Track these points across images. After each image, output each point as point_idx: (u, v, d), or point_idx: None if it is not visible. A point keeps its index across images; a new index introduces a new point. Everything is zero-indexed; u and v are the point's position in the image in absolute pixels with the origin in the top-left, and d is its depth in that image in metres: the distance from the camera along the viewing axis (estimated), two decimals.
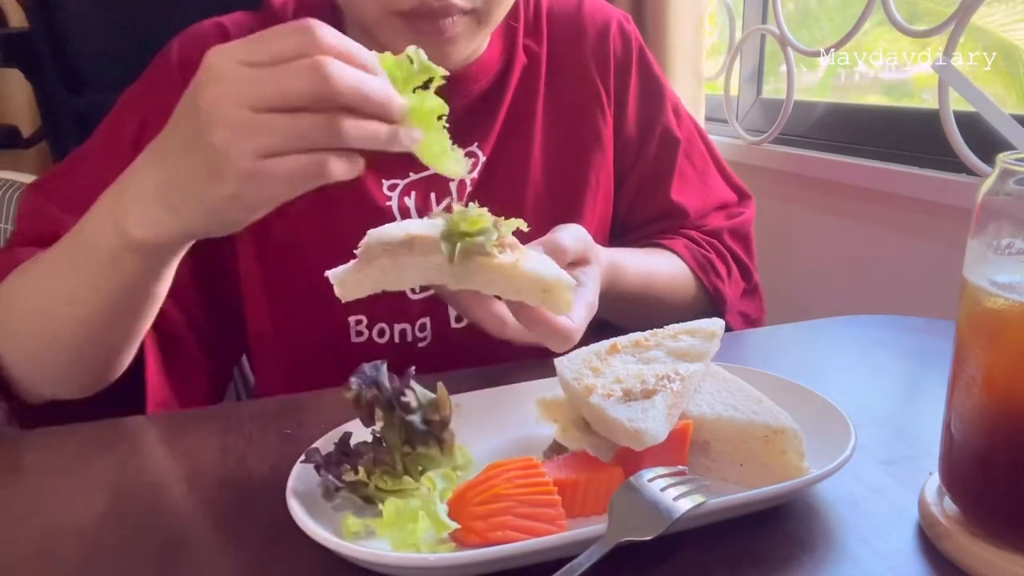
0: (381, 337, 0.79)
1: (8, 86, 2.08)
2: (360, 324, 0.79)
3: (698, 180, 0.93)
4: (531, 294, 0.54)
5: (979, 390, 0.43)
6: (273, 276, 0.79)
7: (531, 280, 0.54)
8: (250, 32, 0.75)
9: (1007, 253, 0.41)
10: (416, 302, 0.80)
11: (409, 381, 0.51)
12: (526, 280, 0.54)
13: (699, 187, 0.93)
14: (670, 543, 0.44)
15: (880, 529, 0.47)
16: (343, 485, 0.48)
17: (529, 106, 0.83)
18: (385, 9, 0.69)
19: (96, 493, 0.54)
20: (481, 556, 0.41)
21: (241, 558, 0.46)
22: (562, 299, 0.54)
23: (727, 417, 0.51)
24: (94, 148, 0.78)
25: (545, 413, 0.57)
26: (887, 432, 0.59)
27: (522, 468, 0.47)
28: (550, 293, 0.54)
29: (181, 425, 0.64)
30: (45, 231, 0.70)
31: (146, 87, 0.78)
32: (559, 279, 0.54)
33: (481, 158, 0.82)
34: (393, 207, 0.79)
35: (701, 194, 0.93)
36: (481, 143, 0.82)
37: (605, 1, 0.93)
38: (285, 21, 0.75)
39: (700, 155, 0.94)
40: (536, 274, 0.54)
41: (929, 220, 1.27)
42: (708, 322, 0.59)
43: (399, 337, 0.79)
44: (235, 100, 0.48)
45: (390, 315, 0.79)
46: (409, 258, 0.55)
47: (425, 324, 0.80)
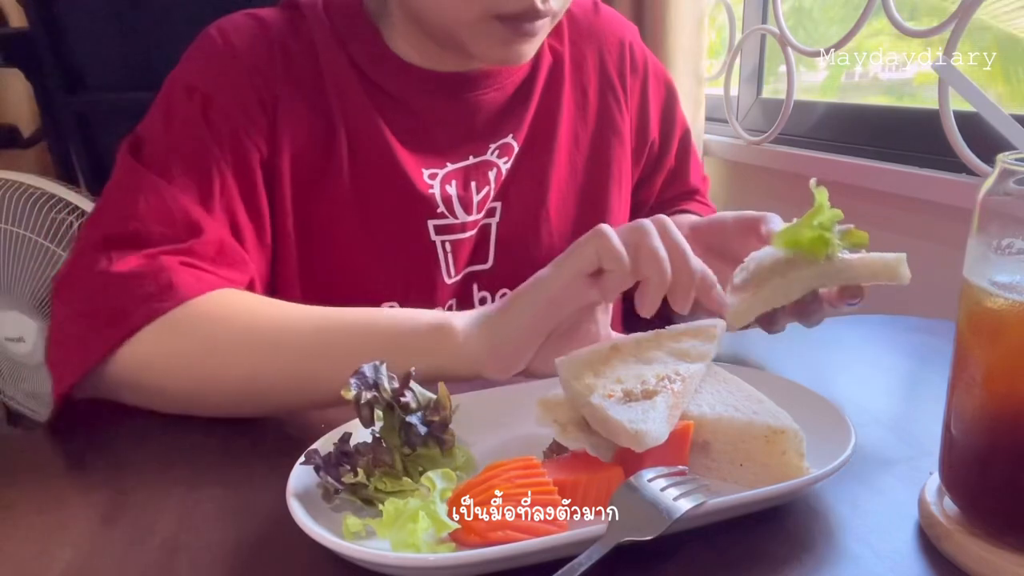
0: None
1: (8, 86, 2.08)
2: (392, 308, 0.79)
3: (695, 165, 1.02)
4: (883, 274, 0.61)
5: (979, 390, 0.43)
6: (307, 260, 0.79)
7: (882, 263, 0.61)
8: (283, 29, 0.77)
9: (1007, 253, 0.41)
10: (449, 286, 0.82)
11: (408, 382, 0.51)
12: (877, 265, 0.61)
13: (697, 169, 1.02)
14: (670, 543, 0.44)
15: (880, 529, 0.47)
16: (342, 487, 0.48)
17: (555, 100, 0.87)
18: (487, 12, 0.70)
19: (96, 493, 0.54)
20: (481, 556, 0.41)
21: (241, 558, 0.46)
22: (903, 271, 0.60)
23: (727, 417, 0.51)
24: (166, 118, 0.73)
25: (545, 413, 0.57)
26: (887, 432, 0.59)
27: (522, 468, 0.47)
28: (896, 269, 0.60)
29: (181, 425, 0.64)
30: (175, 217, 0.67)
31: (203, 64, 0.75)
32: (899, 257, 0.60)
33: (515, 148, 0.85)
34: (436, 195, 0.80)
35: (698, 174, 1.02)
36: (515, 133, 0.85)
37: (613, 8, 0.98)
38: (316, 19, 0.78)
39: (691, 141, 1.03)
40: (882, 257, 0.61)
41: (929, 220, 1.27)
42: (709, 322, 0.59)
43: None
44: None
45: (423, 300, 0.80)
46: (797, 272, 0.61)
47: (452, 306, 0.83)
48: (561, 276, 0.60)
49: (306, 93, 0.76)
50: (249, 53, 0.74)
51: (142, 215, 0.67)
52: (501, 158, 0.84)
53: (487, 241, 0.84)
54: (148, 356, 0.62)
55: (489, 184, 0.83)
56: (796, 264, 0.62)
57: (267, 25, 0.77)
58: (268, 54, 0.75)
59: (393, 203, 0.79)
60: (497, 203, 0.84)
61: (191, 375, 0.62)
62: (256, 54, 0.75)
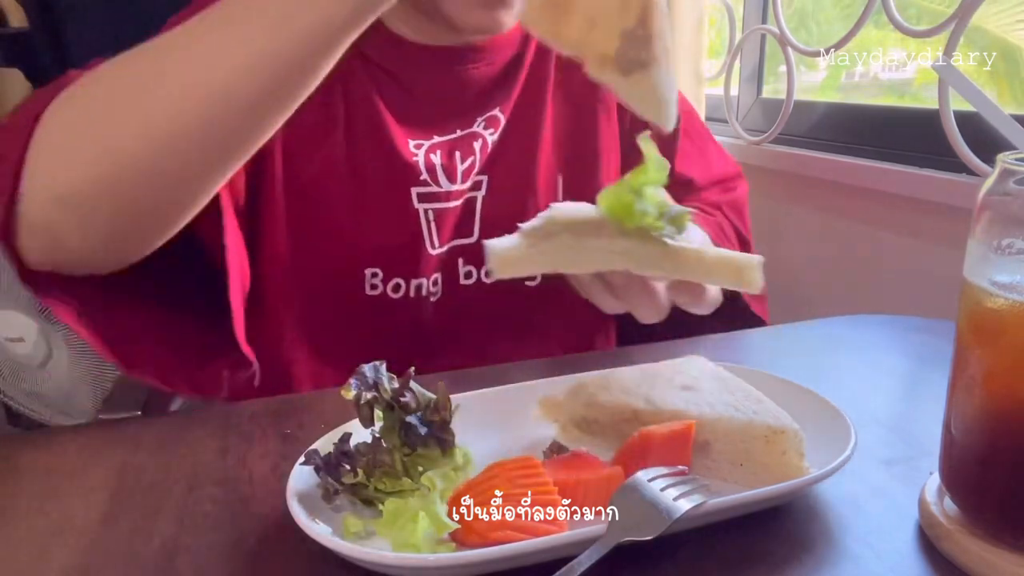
0: (396, 292, 0.81)
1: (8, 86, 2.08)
2: (376, 277, 0.80)
3: (697, 154, 0.96)
4: (724, 275, 0.53)
5: (979, 390, 0.43)
6: (295, 220, 0.79)
7: (724, 262, 0.52)
8: None
9: (1007, 253, 0.41)
10: (434, 257, 0.82)
11: (408, 382, 0.51)
12: (718, 262, 0.52)
13: (699, 160, 0.96)
14: (670, 543, 0.44)
15: (880, 529, 0.47)
16: (342, 487, 0.48)
17: (543, 74, 0.87)
18: None
19: (96, 493, 0.54)
20: (481, 556, 0.41)
21: (241, 558, 0.46)
22: (753, 277, 0.52)
23: (727, 417, 0.51)
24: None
25: (545, 413, 0.57)
26: (887, 432, 0.59)
27: (522, 468, 0.47)
28: (741, 273, 0.52)
29: (181, 425, 0.64)
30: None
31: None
32: (750, 259, 0.52)
33: (502, 120, 0.85)
34: (420, 163, 0.80)
35: (701, 167, 0.96)
36: (502, 106, 0.85)
37: None
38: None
39: (697, 131, 0.98)
40: (727, 255, 0.52)
41: (929, 220, 1.27)
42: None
43: (414, 292, 0.81)
44: None
45: (406, 270, 0.80)
46: (596, 241, 0.53)
47: (437, 279, 0.83)
48: None
49: None
50: None
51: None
52: (487, 130, 0.84)
53: (472, 214, 0.84)
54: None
55: (474, 154, 0.83)
56: (602, 230, 0.53)
57: None
58: None
59: (378, 169, 0.79)
60: (483, 176, 0.84)
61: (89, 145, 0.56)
62: None
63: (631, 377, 0.57)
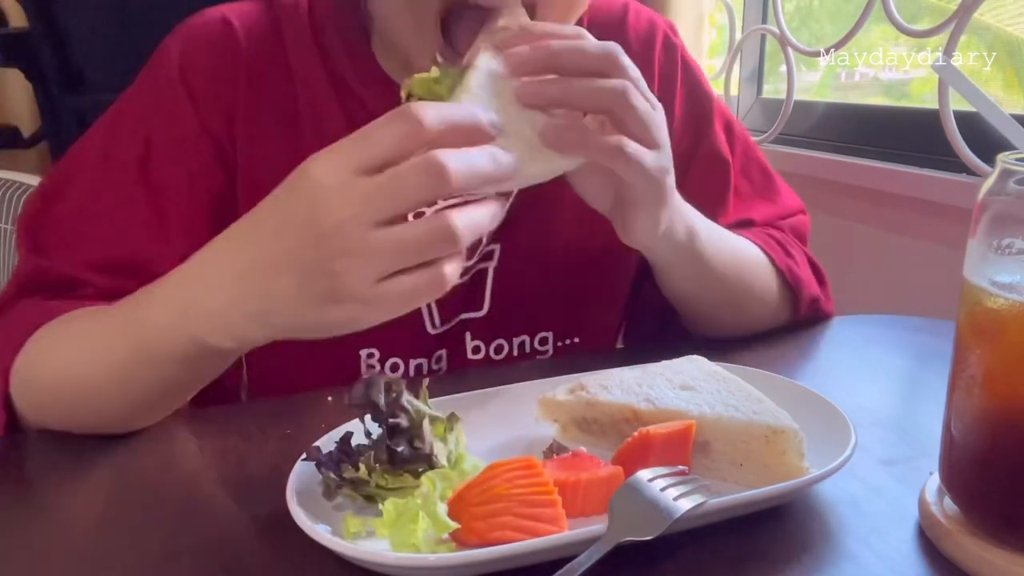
0: (395, 371, 0.75)
1: (8, 86, 2.08)
2: (372, 358, 0.75)
3: (756, 195, 0.87)
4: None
5: (979, 390, 0.43)
6: None
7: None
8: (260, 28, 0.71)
9: (1007, 253, 0.41)
10: (435, 336, 0.76)
11: (401, 398, 0.49)
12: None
13: (757, 200, 0.87)
14: (670, 543, 0.44)
15: (880, 529, 0.47)
16: (344, 482, 0.48)
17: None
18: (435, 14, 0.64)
19: (96, 493, 0.54)
20: (481, 556, 0.41)
21: (241, 558, 0.46)
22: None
23: (727, 417, 0.51)
24: (90, 168, 0.70)
25: (545, 413, 0.57)
26: (887, 432, 0.59)
27: (522, 468, 0.47)
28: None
29: (181, 425, 0.64)
30: (48, 278, 0.67)
31: (145, 98, 0.71)
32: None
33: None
34: None
35: (760, 207, 0.86)
36: None
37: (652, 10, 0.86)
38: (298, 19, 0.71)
39: (758, 170, 0.88)
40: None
41: (929, 220, 1.27)
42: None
43: (414, 371, 0.76)
44: (360, 222, 0.44)
45: (405, 350, 0.75)
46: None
47: (441, 356, 0.77)
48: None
49: (273, 109, 0.71)
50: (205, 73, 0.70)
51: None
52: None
53: (481, 285, 0.77)
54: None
55: None
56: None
57: (235, 33, 0.71)
58: (229, 72, 0.70)
59: None
60: (494, 245, 0.76)
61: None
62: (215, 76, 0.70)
63: (631, 377, 0.57)
